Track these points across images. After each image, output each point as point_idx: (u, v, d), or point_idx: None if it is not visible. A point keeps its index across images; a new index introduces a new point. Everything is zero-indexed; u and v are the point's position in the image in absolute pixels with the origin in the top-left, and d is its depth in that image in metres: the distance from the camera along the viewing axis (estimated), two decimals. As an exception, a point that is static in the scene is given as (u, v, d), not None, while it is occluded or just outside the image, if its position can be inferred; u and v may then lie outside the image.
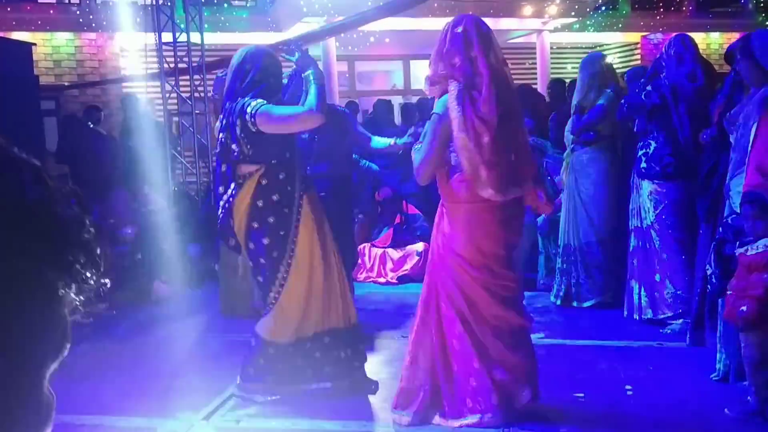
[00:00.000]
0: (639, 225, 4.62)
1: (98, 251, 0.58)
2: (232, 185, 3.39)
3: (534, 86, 10.71)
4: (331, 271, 3.52)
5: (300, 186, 3.45)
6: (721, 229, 3.47)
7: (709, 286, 3.50)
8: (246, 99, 3.34)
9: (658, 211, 4.48)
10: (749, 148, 3.37)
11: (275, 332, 3.48)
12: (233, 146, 3.36)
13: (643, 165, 4.53)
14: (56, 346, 0.57)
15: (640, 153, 4.57)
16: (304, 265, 3.44)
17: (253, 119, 3.28)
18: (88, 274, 0.57)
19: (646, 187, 4.53)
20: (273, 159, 3.38)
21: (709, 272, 3.48)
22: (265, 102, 3.32)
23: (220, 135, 3.44)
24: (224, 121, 3.41)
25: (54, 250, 0.54)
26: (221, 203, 3.44)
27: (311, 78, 3.38)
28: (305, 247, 3.43)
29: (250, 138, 3.32)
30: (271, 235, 3.39)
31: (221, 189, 3.45)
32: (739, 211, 3.43)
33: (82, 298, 0.57)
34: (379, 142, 4.52)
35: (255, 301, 5.21)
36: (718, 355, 3.65)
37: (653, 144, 4.48)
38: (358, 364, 3.61)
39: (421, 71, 12.19)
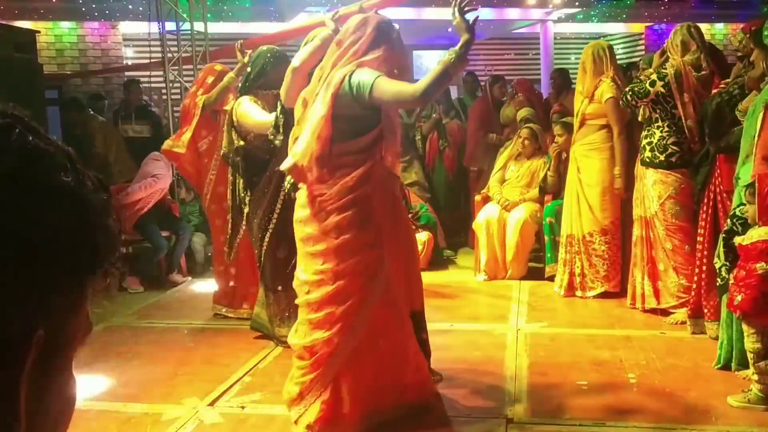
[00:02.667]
0: (643, 214, 4.61)
1: (119, 235, 0.60)
2: None
3: (536, 77, 10.72)
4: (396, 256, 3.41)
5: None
6: (729, 221, 3.47)
7: (718, 280, 3.50)
8: None
9: (662, 200, 4.48)
10: (756, 138, 3.36)
11: None
12: None
13: (648, 154, 4.52)
14: (84, 328, 0.59)
15: (644, 142, 4.55)
16: None
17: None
18: (110, 258, 0.58)
19: (650, 175, 4.51)
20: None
21: (718, 265, 3.48)
22: None
23: None
24: None
25: (84, 234, 0.55)
26: None
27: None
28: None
29: None
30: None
31: None
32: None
33: (104, 281, 0.59)
34: None
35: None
36: (719, 342, 3.67)
37: (657, 133, 4.47)
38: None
39: (424, 61, 12.17)
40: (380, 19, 3.03)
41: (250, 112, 4.05)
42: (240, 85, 4.42)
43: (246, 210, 4.17)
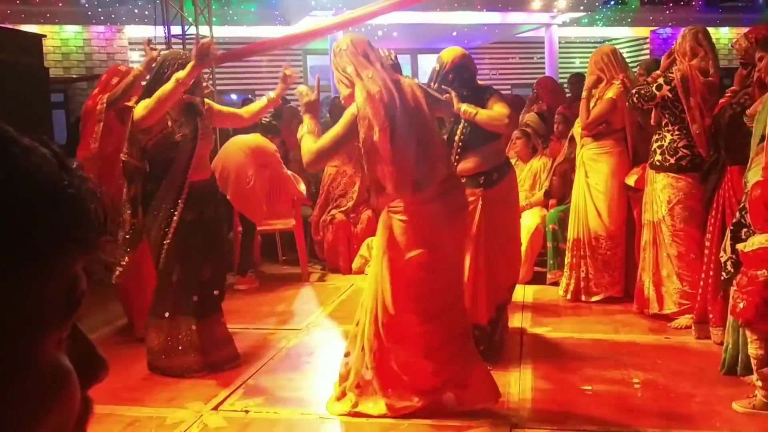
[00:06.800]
0: (651, 218, 4.58)
1: (105, 221, 0.57)
2: None
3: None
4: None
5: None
6: (739, 213, 3.45)
7: (723, 273, 3.49)
8: None
9: (671, 204, 4.44)
10: (766, 140, 3.35)
11: None
12: None
13: (658, 157, 4.47)
14: (60, 312, 0.55)
15: (655, 145, 4.51)
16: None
17: None
18: (98, 243, 0.56)
19: (660, 180, 4.47)
20: None
21: (723, 259, 3.47)
22: None
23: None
24: None
25: (66, 217, 0.53)
26: None
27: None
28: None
29: None
30: None
31: None
32: None
33: (98, 265, 0.57)
34: (251, 108, 4.27)
35: None
36: (724, 347, 3.65)
37: (668, 136, 4.43)
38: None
39: (428, 65, 12.18)
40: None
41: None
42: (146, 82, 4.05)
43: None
